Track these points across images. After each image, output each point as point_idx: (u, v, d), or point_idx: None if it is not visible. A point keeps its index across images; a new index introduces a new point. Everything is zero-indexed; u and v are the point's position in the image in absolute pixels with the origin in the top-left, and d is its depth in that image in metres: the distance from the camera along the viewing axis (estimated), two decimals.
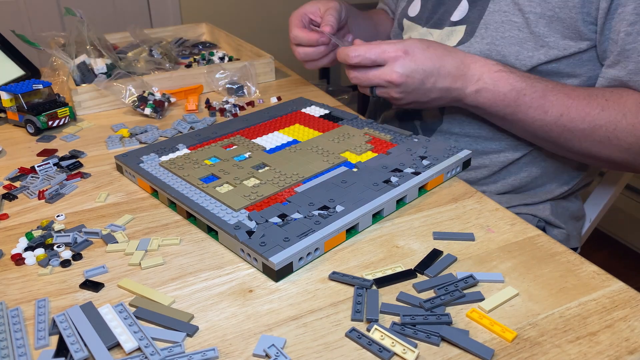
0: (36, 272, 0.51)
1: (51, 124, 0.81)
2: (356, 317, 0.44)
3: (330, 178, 0.61)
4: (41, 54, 0.97)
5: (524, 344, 0.41)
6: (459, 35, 0.81)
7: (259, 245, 0.49)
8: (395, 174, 0.61)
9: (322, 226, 0.52)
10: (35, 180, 0.67)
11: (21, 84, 0.82)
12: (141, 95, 0.87)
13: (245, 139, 0.71)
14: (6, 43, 0.95)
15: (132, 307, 0.46)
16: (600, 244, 1.88)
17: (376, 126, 0.74)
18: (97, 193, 0.64)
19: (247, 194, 0.58)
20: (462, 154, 0.66)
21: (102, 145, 0.77)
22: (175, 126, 0.81)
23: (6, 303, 0.47)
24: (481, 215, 0.58)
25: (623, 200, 1.81)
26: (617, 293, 0.46)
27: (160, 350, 0.40)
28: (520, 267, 0.50)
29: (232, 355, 0.41)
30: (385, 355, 0.40)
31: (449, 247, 0.53)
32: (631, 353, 0.40)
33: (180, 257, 0.52)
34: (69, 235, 0.54)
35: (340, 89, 2.52)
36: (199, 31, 1.31)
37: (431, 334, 0.42)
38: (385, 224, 0.57)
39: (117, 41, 1.20)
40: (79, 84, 0.92)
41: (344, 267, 0.50)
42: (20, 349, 0.41)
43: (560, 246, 0.52)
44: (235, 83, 0.95)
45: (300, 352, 0.41)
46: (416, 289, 0.47)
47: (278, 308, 0.46)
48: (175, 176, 0.62)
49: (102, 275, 0.50)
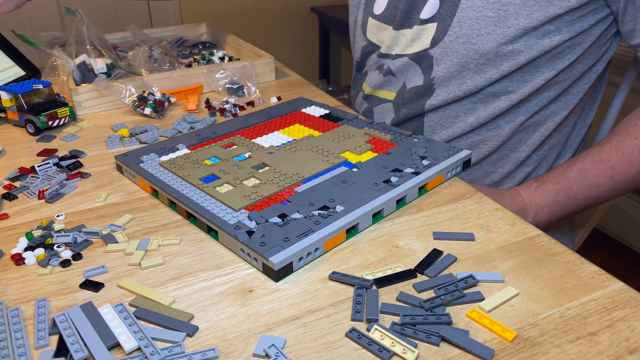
0: (36, 272, 0.51)
1: (51, 124, 0.81)
2: (356, 317, 0.44)
3: (330, 178, 0.61)
4: (41, 54, 0.97)
5: (524, 344, 0.41)
6: (430, 34, 0.80)
7: (259, 245, 0.49)
8: (395, 174, 0.61)
9: (322, 226, 0.52)
10: (35, 180, 0.67)
11: (21, 84, 0.82)
12: (141, 95, 0.87)
13: (245, 139, 0.71)
14: (6, 43, 0.95)
15: (132, 307, 0.46)
16: (600, 244, 1.88)
17: (376, 126, 0.74)
18: (97, 193, 0.64)
19: (247, 194, 0.58)
20: (462, 154, 0.66)
21: (102, 145, 0.77)
22: (175, 126, 0.81)
23: (6, 303, 0.47)
24: (481, 215, 0.58)
25: (623, 200, 1.81)
26: (617, 293, 0.46)
27: (160, 350, 0.40)
28: (520, 267, 0.50)
29: (232, 355, 0.41)
30: (385, 355, 0.40)
31: (449, 247, 0.53)
32: (631, 353, 0.40)
33: (180, 257, 0.52)
34: (69, 235, 0.54)
35: (340, 89, 2.52)
36: (199, 31, 1.31)
37: (431, 334, 0.42)
38: (385, 224, 0.57)
39: (117, 41, 1.20)
40: (79, 84, 0.92)
41: (344, 267, 0.50)
42: (20, 349, 0.41)
43: (561, 246, 0.52)
44: (235, 83, 0.95)
45: (300, 352, 0.41)
46: (416, 289, 0.47)
47: (278, 308, 0.46)
48: (175, 176, 0.62)
49: (102, 275, 0.50)
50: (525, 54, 0.75)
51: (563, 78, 0.79)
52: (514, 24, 0.73)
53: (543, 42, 0.74)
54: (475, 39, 0.75)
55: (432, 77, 0.82)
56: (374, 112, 0.93)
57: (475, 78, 0.78)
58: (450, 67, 0.79)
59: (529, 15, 0.72)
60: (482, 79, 0.78)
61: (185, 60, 1.13)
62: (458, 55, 0.77)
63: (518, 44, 0.74)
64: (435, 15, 0.79)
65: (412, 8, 0.83)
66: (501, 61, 0.76)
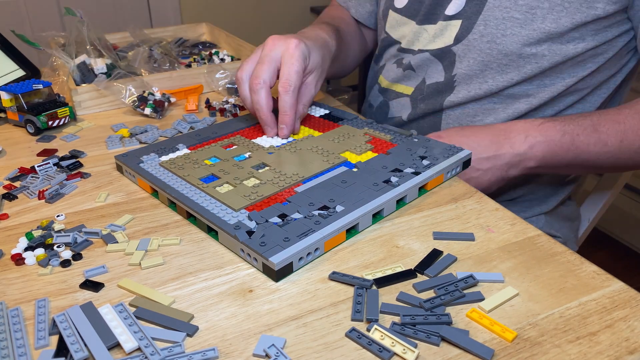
0: (36, 272, 0.51)
1: (51, 124, 0.81)
2: (356, 317, 0.44)
3: (330, 178, 0.61)
4: (41, 54, 0.97)
5: (524, 344, 0.41)
6: (454, 31, 0.80)
7: (259, 245, 0.49)
8: (395, 174, 0.61)
9: (322, 226, 0.52)
10: (35, 180, 0.67)
11: (21, 84, 0.82)
12: (141, 95, 0.87)
13: (245, 139, 0.71)
14: (6, 43, 0.95)
15: (132, 307, 0.46)
16: (600, 244, 1.88)
17: (376, 126, 0.74)
18: (97, 193, 0.64)
19: (247, 194, 0.58)
20: (462, 154, 0.66)
21: (102, 145, 0.77)
22: (175, 126, 0.81)
23: (6, 303, 0.47)
24: (481, 215, 0.58)
25: (623, 200, 1.81)
26: (617, 293, 0.46)
27: (160, 350, 0.40)
28: (520, 267, 0.50)
29: (232, 355, 0.41)
30: (385, 355, 0.40)
31: (449, 247, 0.53)
32: (631, 353, 0.40)
33: (180, 257, 0.52)
34: (69, 235, 0.54)
35: (340, 89, 2.51)
36: (199, 31, 1.31)
37: (431, 334, 0.42)
38: (385, 224, 0.57)
39: (117, 41, 1.20)
40: (79, 84, 0.92)
41: (344, 267, 0.50)
42: (20, 349, 0.41)
43: (561, 246, 0.52)
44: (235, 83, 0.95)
45: (300, 352, 0.41)
46: (416, 289, 0.47)
47: (278, 308, 0.46)
48: (175, 176, 0.62)
49: (102, 275, 0.50)
50: (548, 58, 0.75)
51: (583, 86, 0.79)
52: (540, 28, 0.73)
53: (567, 48, 0.74)
54: (500, 39, 0.76)
55: (454, 74, 0.82)
56: (389, 106, 0.92)
57: (497, 78, 0.78)
58: (473, 65, 0.79)
59: (555, 20, 0.73)
60: (504, 80, 0.78)
61: (185, 60, 1.13)
62: (481, 53, 0.78)
63: (542, 48, 0.74)
64: (461, 12, 0.80)
65: (437, 4, 0.83)
66: (524, 63, 0.76)
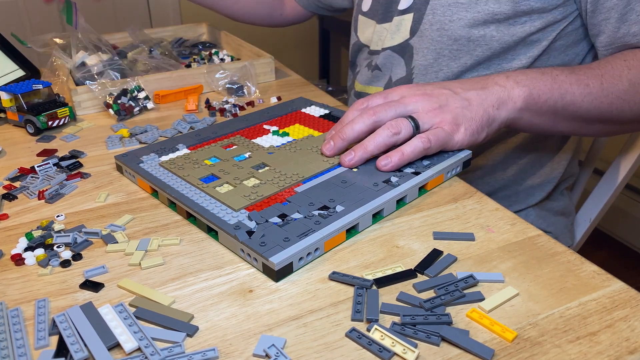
0: (36, 272, 0.51)
1: (51, 124, 0.81)
2: (356, 317, 0.44)
3: (330, 178, 0.61)
4: (41, 54, 0.97)
5: (524, 344, 0.41)
6: (408, 25, 0.81)
7: (259, 245, 0.49)
8: (395, 174, 0.61)
9: (322, 226, 0.52)
10: (35, 180, 0.67)
11: (21, 84, 0.82)
12: (124, 89, 0.86)
13: (245, 139, 0.71)
14: (6, 43, 0.95)
15: (132, 307, 0.46)
16: (600, 244, 1.88)
17: None
18: (97, 193, 0.64)
19: (247, 194, 0.58)
20: (462, 154, 0.66)
21: (102, 145, 0.77)
22: (175, 126, 0.81)
23: (6, 303, 0.47)
24: (481, 215, 0.58)
25: (623, 200, 1.81)
26: (617, 293, 0.46)
27: (160, 351, 0.40)
28: (520, 267, 0.50)
29: (232, 355, 0.41)
30: (385, 355, 0.40)
31: (449, 247, 0.53)
32: (631, 353, 0.40)
33: (180, 257, 0.52)
34: (69, 235, 0.54)
35: (340, 89, 2.52)
36: (199, 31, 1.31)
37: (431, 334, 0.42)
38: (385, 224, 0.57)
39: (117, 41, 1.20)
40: (79, 84, 0.92)
41: (344, 267, 0.50)
42: (20, 349, 0.41)
43: (561, 246, 0.52)
44: (235, 83, 0.95)
45: (300, 352, 0.41)
46: (416, 289, 0.47)
47: (278, 308, 0.46)
48: (175, 176, 0.62)
49: (102, 275, 0.50)
50: (497, 39, 0.76)
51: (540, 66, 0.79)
52: (484, 9, 0.74)
53: (515, 29, 0.75)
54: (448, 25, 0.77)
55: (412, 66, 0.83)
56: None
57: (450, 65, 0.79)
58: (427, 55, 0.80)
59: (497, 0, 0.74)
60: (457, 65, 0.79)
61: (185, 61, 1.13)
62: (433, 42, 0.79)
63: (490, 29, 0.75)
64: (412, 5, 0.81)
65: (391, 1, 0.84)
66: (474, 46, 0.77)
